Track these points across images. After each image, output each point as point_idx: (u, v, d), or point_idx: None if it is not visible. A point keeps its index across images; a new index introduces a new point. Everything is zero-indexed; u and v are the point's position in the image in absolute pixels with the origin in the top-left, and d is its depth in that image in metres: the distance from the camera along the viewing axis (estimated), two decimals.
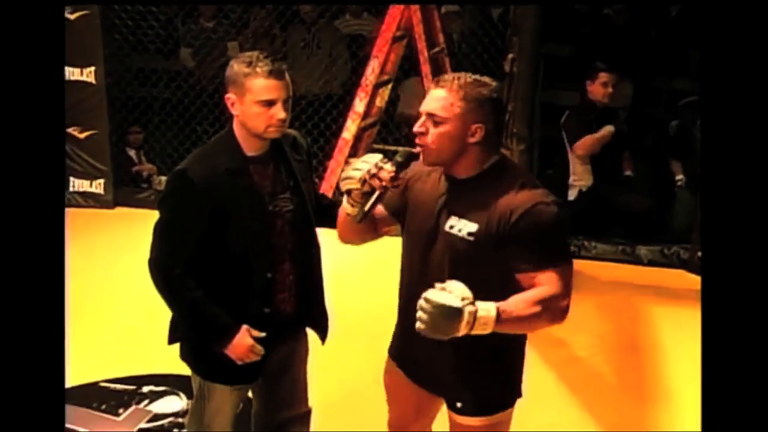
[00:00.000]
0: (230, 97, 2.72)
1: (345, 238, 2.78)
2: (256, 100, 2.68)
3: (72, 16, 6.55)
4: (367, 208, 2.56)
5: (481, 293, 2.31)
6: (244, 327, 2.77)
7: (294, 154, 2.89)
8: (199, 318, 2.78)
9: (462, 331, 2.25)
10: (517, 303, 2.37)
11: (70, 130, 6.76)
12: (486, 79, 2.50)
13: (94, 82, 6.71)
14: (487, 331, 2.30)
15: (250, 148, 2.76)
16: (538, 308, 2.39)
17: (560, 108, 6.52)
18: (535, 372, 4.45)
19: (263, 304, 2.81)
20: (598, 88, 5.97)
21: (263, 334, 2.80)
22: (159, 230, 2.77)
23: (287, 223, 2.83)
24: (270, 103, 2.69)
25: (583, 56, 6.81)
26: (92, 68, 6.68)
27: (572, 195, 6.08)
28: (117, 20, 6.84)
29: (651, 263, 5.95)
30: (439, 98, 2.47)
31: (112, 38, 6.83)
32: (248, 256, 2.76)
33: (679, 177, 6.29)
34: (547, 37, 6.19)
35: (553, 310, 2.43)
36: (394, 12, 6.42)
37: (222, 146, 2.78)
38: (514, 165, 2.58)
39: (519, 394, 2.73)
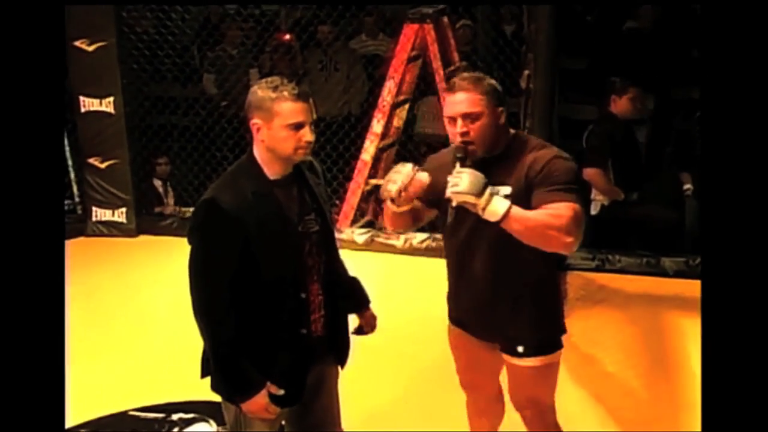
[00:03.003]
0: (256, 122, 2.72)
1: (394, 228, 3.26)
2: (284, 123, 2.68)
3: (90, 48, 6.63)
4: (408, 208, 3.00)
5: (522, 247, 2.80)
6: (266, 386, 2.77)
7: (314, 177, 2.91)
8: (228, 369, 2.77)
9: (482, 200, 2.72)
10: (532, 212, 2.78)
11: (90, 160, 6.84)
12: (478, 74, 2.99)
13: (113, 112, 6.77)
14: (494, 218, 2.73)
15: (273, 173, 2.77)
16: (548, 218, 2.74)
17: (577, 122, 6.50)
18: (565, 389, 4.44)
19: (299, 325, 2.81)
20: (627, 104, 5.97)
21: (282, 392, 2.79)
22: (195, 263, 2.74)
23: (314, 244, 2.84)
24: (298, 126, 2.69)
25: (601, 69, 6.80)
26: (111, 98, 6.75)
27: (594, 210, 6.07)
28: (134, 50, 6.91)
29: (676, 275, 5.91)
30: (463, 100, 2.86)
31: (130, 68, 6.89)
32: (282, 278, 2.76)
33: (687, 186, 6.26)
34: (563, 50, 6.19)
35: (562, 226, 2.74)
36: (409, 32, 6.45)
37: (245, 172, 2.78)
38: (528, 135, 3.09)
39: (564, 330, 3.19)
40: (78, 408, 3.97)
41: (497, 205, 2.72)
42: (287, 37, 7.36)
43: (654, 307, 5.49)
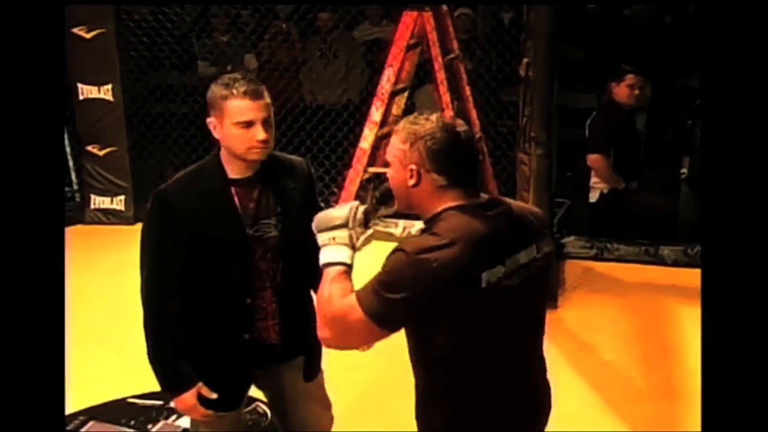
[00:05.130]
0: (211, 121, 2.67)
1: None
2: (234, 121, 2.62)
3: (88, 35, 6.62)
4: None
5: None
6: (197, 386, 2.73)
7: (288, 180, 2.81)
8: (161, 361, 2.74)
9: (319, 237, 2.30)
10: (329, 286, 2.22)
11: (89, 147, 6.84)
12: (431, 117, 2.25)
13: (111, 99, 6.77)
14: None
15: (234, 171, 2.71)
16: (324, 299, 2.21)
17: (577, 111, 6.50)
18: (563, 376, 4.46)
19: (242, 330, 2.76)
20: (624, 90, 5.95)
21: (215, 396, 2.75)
22: (141, 250, 2.74)
23: (270, 249, 2.76)
24: (248, 124, 2.63)
25: (599, 58, 6.80)
26: (109, 86, 6.75)
27: (593, 197, 6.07)
28: (132, 37, 6.89)
29: (675, 263, 5.92)
30: (392, 142, 2.30)
31: (128, 55, 6.89)
32: (226, 280, 2.72)
33: (683, 171, 6.28)
34: (561, 39, 6.18)
35: (320, 314, 2.22)
36: (407, 20, 6.42)
37: (206, 167, 2.75)
38: (455, 217, 2.19)
39: None
40: (76, 395, 3.98)
41: (326, 252, 2.27)
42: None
43: (652, 295, 5.50)
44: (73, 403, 3.98)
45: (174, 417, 4.09)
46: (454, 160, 2.21)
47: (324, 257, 2.28)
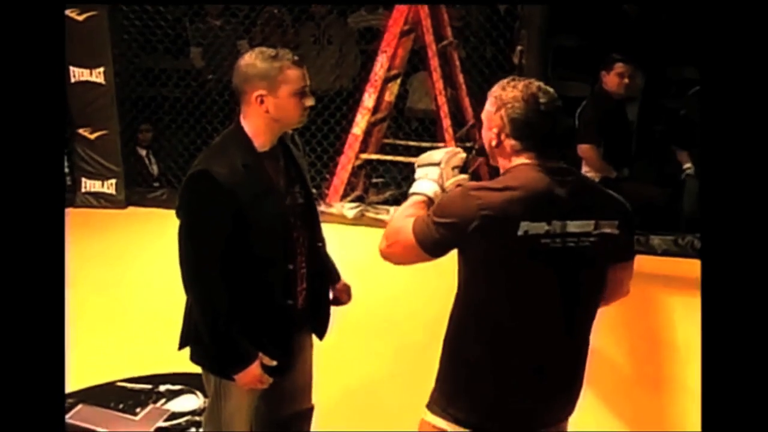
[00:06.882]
0: (261, 94, 2.68)
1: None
2: (293, 90, 2.69)
3: (80, 18, 6.57)
4: None
5: None
6: (259, 357, 2.76)
7: (295, 149, 2.91)
8: (223, 342, 2.75)
9: (417, 172, 2.57)
10: (404, 208, 2.51)
11: (80, 131, 6.80)
12: (518, 85, 2.37)
13: (103, 82, 6.74)
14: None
15: (261, 144, 2.75)
16: (395, 217, 2.49)
17: (569, 99, 6.49)
18: None
19: (286, 296, 2.82)
20: (614, 79, 5.93)
21: (274, 363, 2.79)
22: (187, 236, 2.71)
23: (299, 216, 2.85)
24: (303, 92, 2.71)
25: (593, 47, 6.79)
26: (101, 69, 6.72)
27: None
28: (125, 21, 6.86)
29: (665, 253, 5.93)
30: (486, 104, 2.46)
31: (121, 38, 6.86)
32: (273, 250, 2.76)
33: (687, 166, 6.27)
34: (556, 28, 6.17)
35: (388, 227, 2.48)
36: (402, 7, 6.43)
37: (233, 143, 2.75)
38: (519, 171, 2.35)
39: None
40: (65, 378, 3.97)
41: (417, 183, 2.55)
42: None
43: (642, 285, 5.41)
44: None
45: (163, 400, 4.10)
46: (531, 129, 2.35)
47: (414, 187, 2.54)
